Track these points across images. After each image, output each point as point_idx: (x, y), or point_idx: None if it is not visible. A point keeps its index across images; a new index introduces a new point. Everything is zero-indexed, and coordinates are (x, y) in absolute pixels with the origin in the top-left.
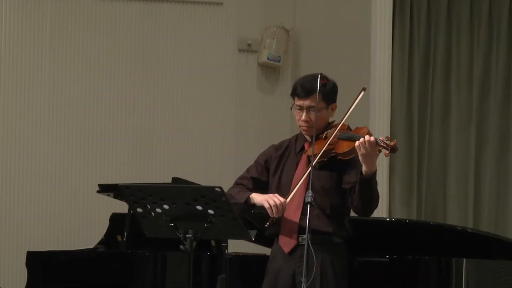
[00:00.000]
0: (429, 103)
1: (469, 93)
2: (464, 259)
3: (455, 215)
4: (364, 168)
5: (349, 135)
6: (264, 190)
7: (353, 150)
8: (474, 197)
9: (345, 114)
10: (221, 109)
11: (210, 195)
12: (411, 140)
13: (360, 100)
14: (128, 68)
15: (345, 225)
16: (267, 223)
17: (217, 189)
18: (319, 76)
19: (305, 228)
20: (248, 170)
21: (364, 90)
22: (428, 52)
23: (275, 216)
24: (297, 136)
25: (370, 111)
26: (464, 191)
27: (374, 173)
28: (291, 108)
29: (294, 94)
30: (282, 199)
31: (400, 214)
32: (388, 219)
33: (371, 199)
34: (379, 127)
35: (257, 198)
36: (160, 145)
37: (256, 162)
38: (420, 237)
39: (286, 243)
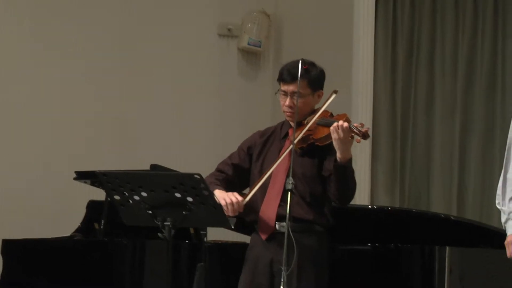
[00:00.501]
0: (412, 91)
1: (454, 82)
2: (447, 247)
3: (439, 204)
4: (338, 155)
5: (327, 121)
6: (245, 177)
7: (329, 136)
8: (458, 186)
9: (315, 114)
10: (201, 95)
11: (189, 182)
12: (394, 128)
13: (343, 88)
14: (107, 55)
15: (326, 213)
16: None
17: (196, 176)
18: (300, 61)
19: (284, 215)
20: (230, 156)
21: (336, 93)
22: (412, 40)
23: (230, 214)
24: (283, 122)
25: (353, 98)
26: (449, 180)
27: (349, 161)
28: (276, 93)
29: (280, 79)
30: (239, 198)
31: (382, 201)
32: (370, 206)
33: (347, 187)
34: (362, 115)
35: (217, 194)
36: (140, 132)
37: (240, 148)
38: (403, 225)
39: (264, 230)
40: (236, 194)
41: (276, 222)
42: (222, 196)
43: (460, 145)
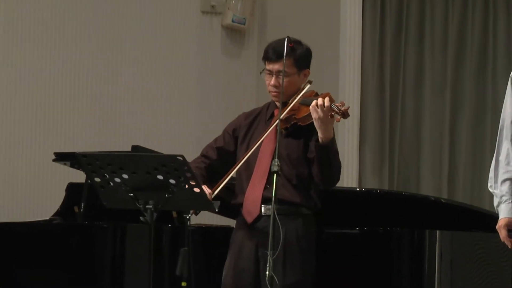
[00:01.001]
0: (401, 67)
1: (444, 57)
2: (438, 231)
3: (429, 185)
4: (319, 134)
5: (310, 100)
6: (230, 160)
7: (311, 115)
8: (449, 166)
9: (293, 99)
10: (183, 74)
11: (171, 164)
12: (383, 106)
13: (330, 66)
14: (87, 31)
15: (313, 196)
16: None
17: (178, 157)
18: (285, 39)
19: (270, 198)
20: (215, 139)
21: (310, 83)
22: (400, 14)
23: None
24: (269, 103)
25: (340, 76)
26: (439, 160)
27: (331, 141)
28: (261, 73)
29: (265, 57)
30: (208, 191)
31: (370, 184)
32: (358, 189)
33: (330, 169)
34: (349, 93)
35: None
36: (120, 111)
37: (225, 131)
38: (392, 208)
39: (249, 213)
40: (205, 186)
41: (262, 205)
42: None
43: (451, 124)
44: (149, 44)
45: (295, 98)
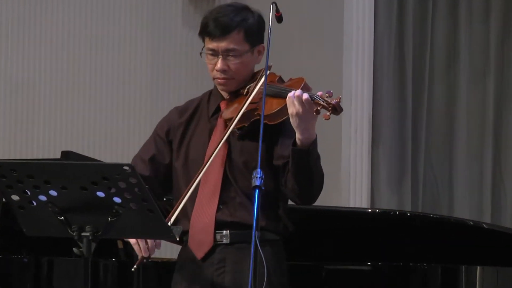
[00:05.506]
0: (428, 45)
1: (486, 31)
2: (478, 267)
3: (465, 205)
4: (298, 135)
5: (279, 89)
6: (167, 174)
7: (283, 110)
8: (493, 179)
9: (257, 80)
10: (131, 55)
11: (116, 176)
12: (403, 98)
13: (330, 45)
14: None
15: (282, 217)
16: (134, 266)
17: (125, 167)
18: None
19: (226, 222)
20: (143, 147)
21: (269, 69)
22: None
23: (144, 255)
24: (210, 92)
25: (344, 58)
26: (479, 170)
27: (313, 143)
28: (200, 54)
29: (205, 33)
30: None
31: (387, 203)
32: (370, 210)
33: (311, 180)
34: (357, 81)
35: None
36: (45, 105)
37: (155, 133)
38: (416, 236)
39: (198, 244)
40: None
41: (216, 232)
42: None
43: (495, 121)
44: (86, 13)
45: (255, 87)
